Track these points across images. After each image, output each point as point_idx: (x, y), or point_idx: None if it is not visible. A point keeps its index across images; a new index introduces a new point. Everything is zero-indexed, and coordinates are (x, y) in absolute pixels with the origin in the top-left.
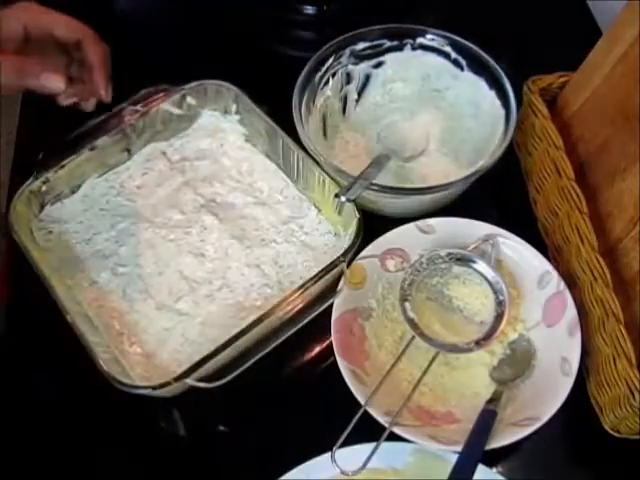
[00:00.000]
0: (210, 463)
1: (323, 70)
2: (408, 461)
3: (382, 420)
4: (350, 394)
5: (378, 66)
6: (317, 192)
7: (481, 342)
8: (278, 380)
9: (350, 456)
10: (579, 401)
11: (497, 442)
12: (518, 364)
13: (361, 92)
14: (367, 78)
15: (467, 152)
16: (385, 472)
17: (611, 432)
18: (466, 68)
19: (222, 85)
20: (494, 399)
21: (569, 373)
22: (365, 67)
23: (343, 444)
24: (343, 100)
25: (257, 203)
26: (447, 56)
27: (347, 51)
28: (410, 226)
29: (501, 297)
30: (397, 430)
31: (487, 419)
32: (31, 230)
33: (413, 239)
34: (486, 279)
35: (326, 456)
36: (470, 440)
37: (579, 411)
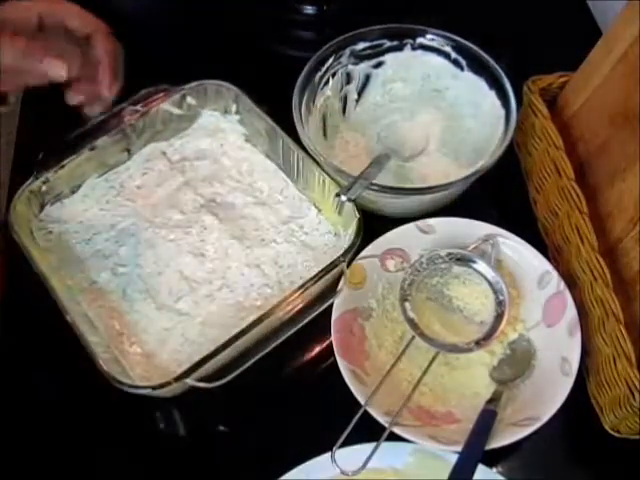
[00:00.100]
0: (210, 463)
1: (323, 70)
2: (408, 461)
3: (382, 420)
4: (350, 394)
5: (378, 66)
6: (317, 192)
7: (481, 342)
8: (278, 380)
9: (350, 456)
10: (579, 401)
11: (497, 442)
12: (518, 364)
13: (361, 92)
14: (367, 78)
15: (467, 152)
16: (385, 472)
17: (611, 432)
18: (466, 68)
19: (222, 85)
20: (494, 399)
21: (569, 373)
22: (365, 67)
23: (343, 444)
24: (343, 100)
25: (257, 203)
26: (447, 56)
27: (347, 51)
28: (410, 226)
29: (501, 297)
30: (397, 430)
31: (487, 419)
32: (31, 230)
33: (413, 239)
34: (486, 279)
35: (326, 456)
36: (470, 440)
37: (579, 411)
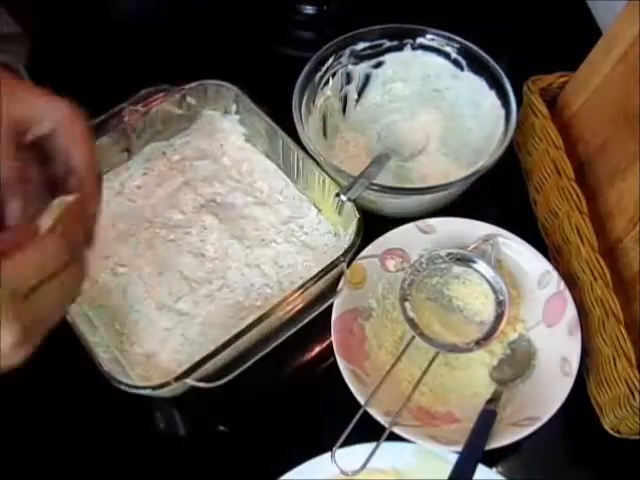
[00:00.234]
0: (210, 463)
1: (323, 70)
2: (408, 461)
3: (382, 420)
4: (350, 394)
5: (378, 66)
6: (317, 192)
7: (481, 342)
8: (278, 380)
9: (350, 456)
10: (579, 401)
11: (497, 442)
12: (518, 364)
13: (361, 92)
14: (367, 78)
15: (467, 152)
16: (385, 472)
17: (611, 432)
18: (466, 68)
19: (222, 85)
20: (494, 399)
21: (569, 373)
22: (365, 67)
23: (343, 444)
24: (343, 100)
25: (257, 203)
26: (447, 56)
27: (347, 51)
28: (410, 226)
29: (501, 297)
30: (397, 430)
31: (487, 419)
32: None
33: (413, 239)
34: (486, 279)
35: (326, 456)
36: (470, 440)
37: (579, 411)
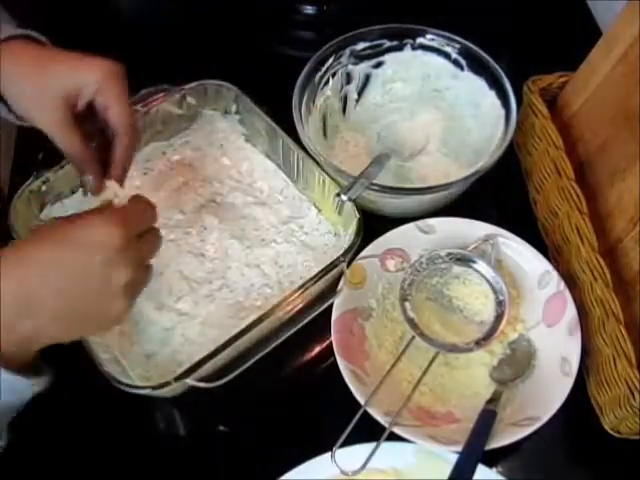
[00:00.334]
0: (210, 463)
1: (323, 70)
2: (408, 461)
3: (382, 420)
4: (350, 394)
5: (378, 66)
6: (317, 192)
7: (481, 342)
8: (278, 380)
9: (350, 456)
10: (579, 401)
11: (497, 442)
12: (518, 364)
13: (361, 92)
14: (367, 78)
15: (467, 152)
16: (385, 472)
17: (611, 432)
18: (466, 68)
19: (222, 85)
20: (494, 399)
21: (569, 373)
22: (365, 67)
23: (343, 444)
24: (343, 100)
25: (257, 203)
26: (447, 56)
27: (347, 51)
28: (410, 226)
29: (501, 297)
30: (397, 430)
31: (487, 419)
32: (31, 230)
33: (413, 239)
34: (486, 279)
35: (326, 456)
36: (470, 440)
37: (579, 411)
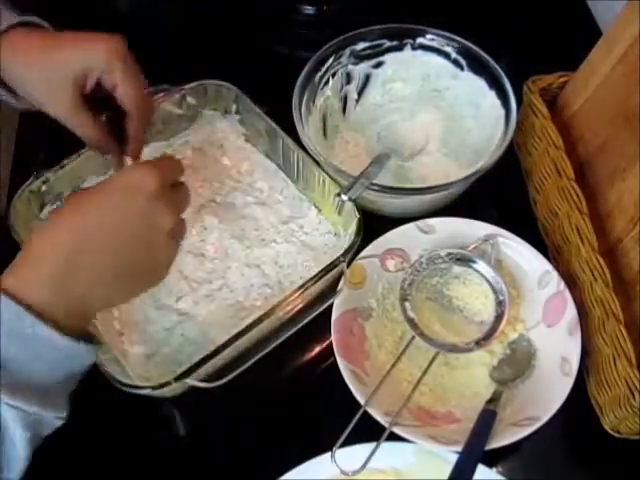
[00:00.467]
0: (210, 463)
1: (323, 70)
2: (408, 461)
3: (382, 420)
4: (350, 394)
5: (378, 66)
6: (317, 192)
7: (481, 342)
8: (278, 380)
9: (350, 456)
10: (579, 401)
11: (497, 442)
12: (518, 364)
13: (361, 92)
14: (367, 78)
15: (467, 152)
16: (385, 472)
17: (611, 432)
18: (466, 68)
19: (222, 85)
20: (494, 399)
21: (569, 373)
22: (365, 67)
23: (343, 444)
24: (343, 100)
25: (257, 203)
26: (447, 56)
27: (347, 51)
28: (410, 226)
29: (501, 297)
30: (397, 430)
31: (487, 419)
32: (31, 230)
33: (413, 239)
34: (486, 279)
35: (326, 456)
36: (470, 440)
37: (579, 411)
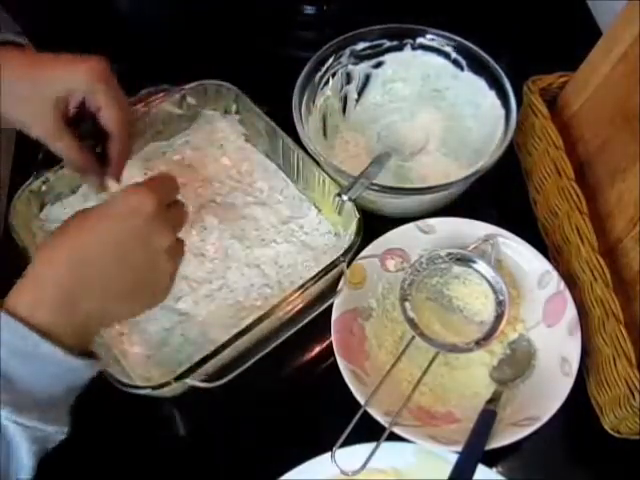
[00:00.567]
0: (210, 463)
1: (323, 70)
2: (408, 461)
3: (382, 420)
4: (350, 394)
5: (378, 66)
6: (317, 192)
7: (481, 342)
8: (278, 380)
9: (350, 456)
10: (579, 401)
11: (497, 442)
12: (518, 364)
13: (361, 92)
14: (367, 78)
15: (467, 152)
16: (385, 472)
17: (611, 432)
18: (466, 68)
19: (222, 85)
20: (494, 399)
21: (569, 373)
22: (365, 67)
23: (343, 444)
24: (343, 100)
25: (257, 203)
26: (447, 56)
27: (347, 51)
28: (410, 226)
29: (501, 297)
30: (397, 430)
31: (487, 419)
32: (31, 230)
33: (413, 239)
34: (486, 279)
35: (326, 456)
36: (470, 440)
37: (579, 411)
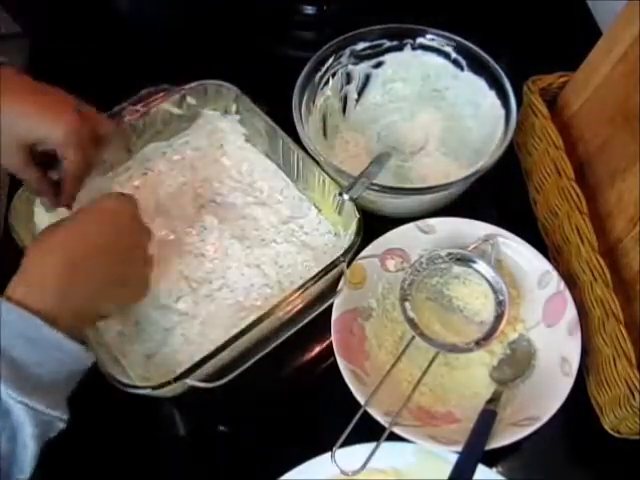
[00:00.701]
0: (210, 463)
1: (323, 70)
2: (408, 461)
3: (382, 420)
4: (350, 394)
5: (378, 66)
6: (317, 192)
7: (481, 342)
8: (278, 380)
9: (350, 456)
10: (579, 401)
11: (497, 442)
12: (518, 364)
13: (361, 92)
14: (367, 78)
15: (467, 152)
16: (385, 472)
17: (611, 432)
18: (466, 68)
19: (222, 85)
20: (494, 399)
21: (569, 373)
22: (365, 67)
23: (343, 444)
24: (343, 100)
25: (257, 203)
26: (447, 56)
27: (347, 51)
28: (410, 226)
29: (501, 297)
30: (397, 430)
31: (487, 419)
32: (31, 230)
33: (413, 239)
34: (486, 279)
35: (326, 456)
36: (470, 440)
37: (579, 411)
